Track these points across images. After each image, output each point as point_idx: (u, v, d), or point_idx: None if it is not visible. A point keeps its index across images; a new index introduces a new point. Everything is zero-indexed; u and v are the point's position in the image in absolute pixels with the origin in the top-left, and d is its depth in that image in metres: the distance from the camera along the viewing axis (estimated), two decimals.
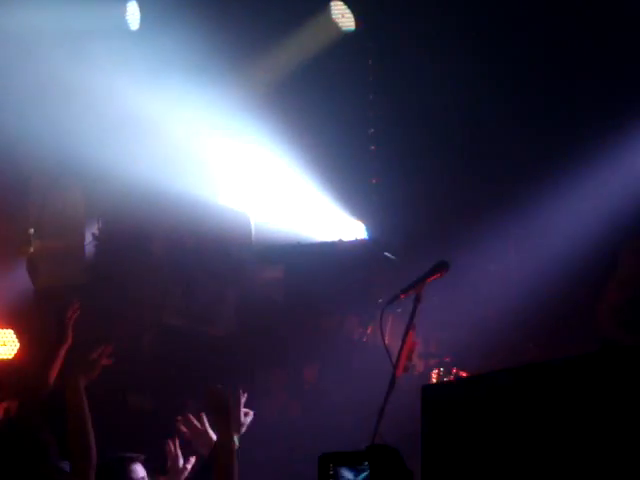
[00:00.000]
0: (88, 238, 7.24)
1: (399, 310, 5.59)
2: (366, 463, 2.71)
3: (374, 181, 8.37)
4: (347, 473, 2.69)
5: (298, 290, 7.69)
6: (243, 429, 4.44)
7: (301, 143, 7.88)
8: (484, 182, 7.95)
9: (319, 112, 8.02)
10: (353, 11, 8.13)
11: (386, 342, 7.06)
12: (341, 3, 8.13)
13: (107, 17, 7.93)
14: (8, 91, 7.24)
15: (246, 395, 4.51)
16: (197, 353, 7.42)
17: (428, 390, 2.90)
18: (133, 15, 8.14)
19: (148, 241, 7.34)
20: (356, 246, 8.13)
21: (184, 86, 7.71)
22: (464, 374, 6.97)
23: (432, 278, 4.58)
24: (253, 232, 7.73)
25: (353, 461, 2.71)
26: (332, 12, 8.15)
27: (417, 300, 4.50)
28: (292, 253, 7.87)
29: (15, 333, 7.21)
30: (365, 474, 2.68)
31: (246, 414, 4.50)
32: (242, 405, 4.45)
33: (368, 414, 4.55)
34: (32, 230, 7.27)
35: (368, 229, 8.24)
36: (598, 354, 2.64)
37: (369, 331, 7.50)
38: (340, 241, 8.12)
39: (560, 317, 7.14)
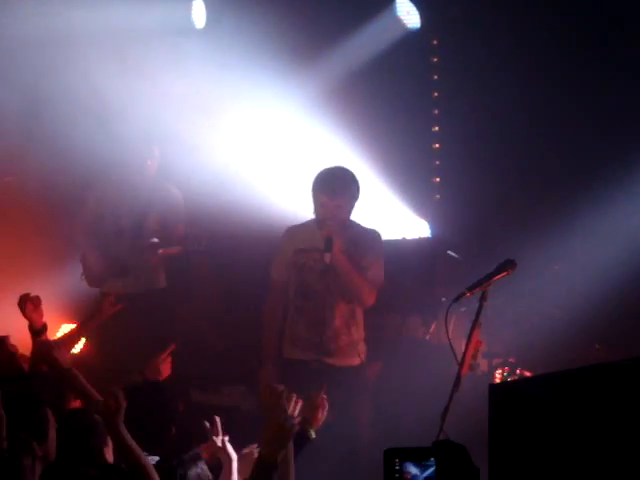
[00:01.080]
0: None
1: (463, 309, 5.59)
2: (432, 459, 2.69)
3: (437, 179, 8.35)
4: (413, 468, 2.68)
5: None
6: (319, 424, 4.51)
7: (366, 141, 7.87)
8: (548, 182, 7.89)
9: (383, 109, 8.02)
10: (418, 8, 8.12)
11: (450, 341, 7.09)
12: (407, 0, 8.12)
13: (173, 16, 7.99)
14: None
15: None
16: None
17: (496, 389, 2.88)
18: (199, 13, 8.21)
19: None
20: (419, 244, 8.11)
21: (250, 83, 7.76)
22: (528, 374, 6.91)
23: (499, 276, 4.55)
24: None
25: (419, 456, 2.70)
26: (397, 9, 8.14)
27: (483, 298, 4.47)
28: None
29: None
30: (431, 470, 2.67)
31: (323, 409, 4.54)
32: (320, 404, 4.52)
33: (432, 413, 4.54)
34: None
35: (432, 227, 8.22)
36: None
37: (432, 330, 7.47)
38: (403, 239, 8.10)
39: (625, 317, 7.05)
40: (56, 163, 7.35)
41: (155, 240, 6.78)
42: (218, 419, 4.43)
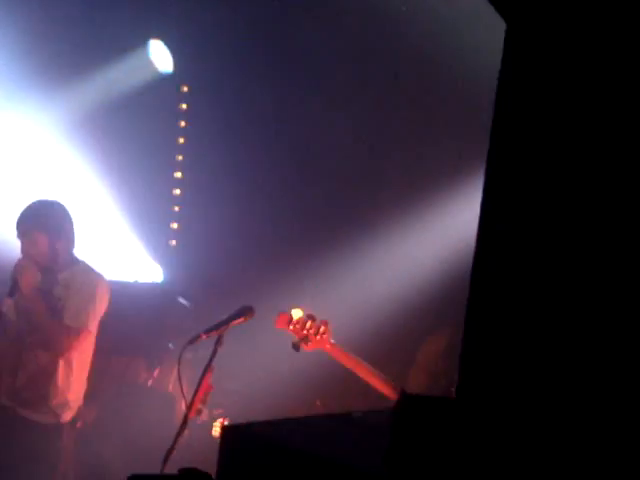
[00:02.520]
0: None
1: (189, 355, 5.54)
2: None
3: (175, 225, 8.32)
4: None
5: None
6: None
7: (110, 177, 7.75)
8: (281, 229, 8.02)
9: (130, 148, 7.92)
10: (172, 54, 8.09)
11: (172, 387, 7.03)
12: (160, 44, 8.07)
13: None
14: None
15: None
16: None
17: (229, 430, 2.85)
18: None
19: None
20: (150, 288, 8.03)
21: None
22: None
23: (237, 322, 4.57)
24: None
25: None
26: (150, 51, 8.08)
27: (218, 342, 4.48)
28: None
29: None
30: None
31: None
32: None
33: (151, 458, 4.45)
34: None
35: (165, 273, 8.17)
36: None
37: (155, 375, 7.38)
38: (135, 282, 7.99)
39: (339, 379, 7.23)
40: None
41: None
42: None
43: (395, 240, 7.40)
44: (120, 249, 7.95)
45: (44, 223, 5.45)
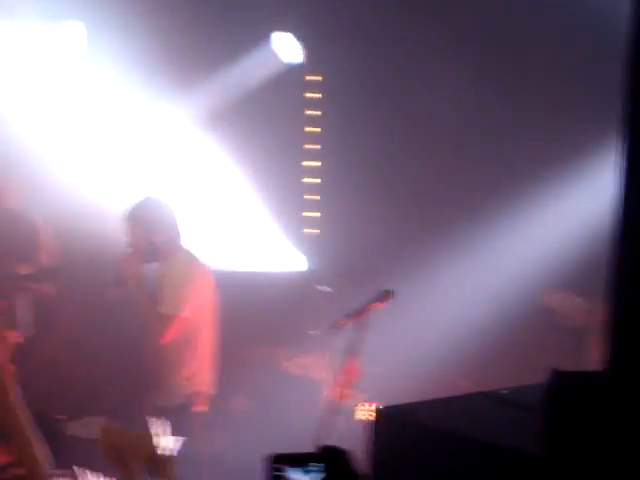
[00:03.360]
0: None
1: (336, 341, 5.60)
2: (316, 464, 2.66)
3: (317, 214, 8.42)
4: (294, 474, 2.65)
5: (228, 319, 7.62)
6: None
7: (245, 174, 7.91)
8: (420, 216, 8.02)
9: (259, 144, 8.02)
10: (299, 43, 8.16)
11: (317, 374, 7.10)
12: (284, 34, 8.14)
13: (54, 40, 7.86)
14: None
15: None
16: None
17: (381, 413, 2.88)
18: (79, 38, 8.08)
19: None
20: (290, 277, 8.12)
21: (129, 107, 7.70)
22: None
23: (376, 306, 4.56)
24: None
25: (302, 462, 2.66)
26: (274, 44, 8.17)
27: (361, 327, 4.47)
28: (226, 281, 7.81)
29: None
30: (313, 476, 2.64)
31: None
32: None
33: (299, 443, 4.50)
34: None
35: (307, 260, 8.27)
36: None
37: (300, 362, 7.46)
38: (275, 271, 8.10)
39: (490, 353, 7.19)
40: None
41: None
42: None
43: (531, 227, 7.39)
44: (263, 240, 8.11)
45: (141, 217, 5.83)
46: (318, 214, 8.41)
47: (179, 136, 7.91)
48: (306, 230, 8.41)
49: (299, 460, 2.65)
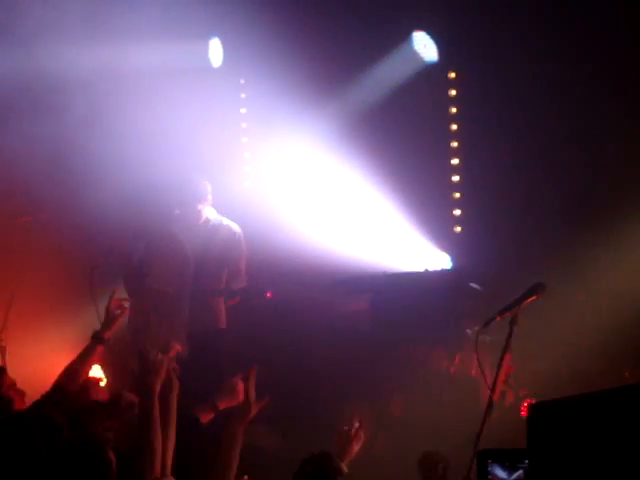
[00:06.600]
0: None
1: (488, 339, 5.54)
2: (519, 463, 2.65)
3: (458, 212, 8.36)
4: (501, 472, 2.65)
5: (384, 321, 7.65)
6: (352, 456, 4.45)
7: (385, 175, 7.91)
8: (568, 213, 7.86)
9: (401, 144, 8.03)
10: (435, 42, 8.15)
11: (474, 372, 7.04)
12: (423, 34, 8.15)
13: (191, 55, 8.07)
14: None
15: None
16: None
17: (535, 408, 2.84)
18: (215, 52, 8.28)
19: None
20: (441, 276, 8.08)
21: (266, 119, 7.82)
22: None
23: (529, 300, 4.46)
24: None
25: (510, 459, 2.65)
26: (414, 43, 8.17)
27: (513, 323, 4.39)
28: (378, 284, 7.83)
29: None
30: (518, 473, 2.63)
31: (357, 442, 4.48)
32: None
33: (458, 444, 4.48)
34: None
35: (452, 259, 8.21)
36: None
37: (456, 362, 7.42)
38: (426, 271, 8.08)
39: None
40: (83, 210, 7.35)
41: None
42: None
43: None
44: (407, 241, 8.11)
45: None
46: (459, 212, 8.35)
47: (323, 145, 7.98)
48: (455, 228, 8.36)
49: (507, 457, 2.63)
